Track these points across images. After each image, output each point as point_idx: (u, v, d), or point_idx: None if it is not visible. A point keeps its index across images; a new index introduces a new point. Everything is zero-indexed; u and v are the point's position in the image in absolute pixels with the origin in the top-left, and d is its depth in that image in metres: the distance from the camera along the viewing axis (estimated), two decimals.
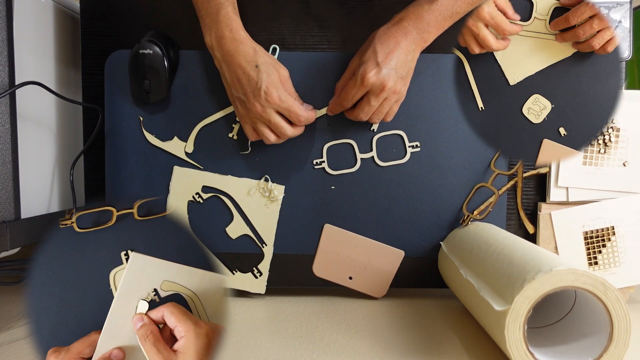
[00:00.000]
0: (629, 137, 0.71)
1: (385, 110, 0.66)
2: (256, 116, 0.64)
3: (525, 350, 0.48)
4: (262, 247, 0.74)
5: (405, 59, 0.63)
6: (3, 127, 0.60)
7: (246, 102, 0.63)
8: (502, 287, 0.51)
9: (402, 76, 0.63)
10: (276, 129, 0.65)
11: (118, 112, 0.73)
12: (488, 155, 0.72)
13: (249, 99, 0.62)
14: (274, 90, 0.62)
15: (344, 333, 0.63)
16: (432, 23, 0.63)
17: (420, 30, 0.63)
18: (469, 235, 0.67)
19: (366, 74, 0.61)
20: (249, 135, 0.67)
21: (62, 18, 0.76)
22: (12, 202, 0.61)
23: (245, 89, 0.62)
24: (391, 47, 0.62)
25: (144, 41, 0.69)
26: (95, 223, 0.55)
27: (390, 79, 0.62)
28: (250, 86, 0.62)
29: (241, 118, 0.67)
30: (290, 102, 0.63)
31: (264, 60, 0.62)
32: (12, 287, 0.75)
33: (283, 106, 0.63)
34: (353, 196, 0.73)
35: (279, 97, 0.62)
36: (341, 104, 0.67)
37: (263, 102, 0.62)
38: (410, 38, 0.63)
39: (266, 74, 0.62)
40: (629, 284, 0.72)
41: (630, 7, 0.70)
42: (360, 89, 0.63)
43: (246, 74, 0.62)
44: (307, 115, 0.65)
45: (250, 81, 0.62)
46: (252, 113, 0.63)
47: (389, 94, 0.63)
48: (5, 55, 0.60)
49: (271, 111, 0.63)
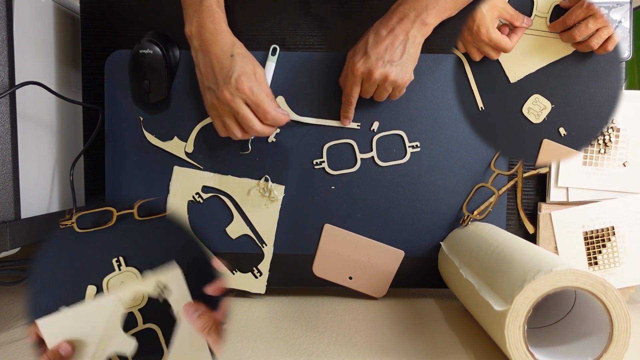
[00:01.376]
0: (629, 137, 0.71)
1: (383, 95, 0.66)
2: (225, 105, 0.61)
3: (525, 351, 0.48)
4: (262, 247, 0.74)
5: (401, 45, 0.62)
6: (3, 127, 0.60)
7: (216, 90, 0.61)
8: (502, 287, 0.51)
9: (398, 63, 0.63)
10: (243, 121, 0.62)
11: (118, 112, 0.73)
12: (488, 155, 0.72)
13: (219, 86, 0.61)
14: (246, 80, 0.60)
15: (344, 333, 0.63)
16: (431, 6, 0.62)
17: (418, 12, 0.62)
18: (469, 235, 0.67)
19: (355, 64, 0.62)
20: (218, 129, 0.65)
21: (62, 18, 0.76)
22: (12, 202, 0.61)
23: (217, 77, 0.61)
24: (382, 34, 0.62)
25: (144, 41, 0.69)
26: (96, 223, 0.55)
27: (377, 66, 0.62)
28: (222, 74, 0.60)
29: (210, 110, 0.65)
30: (261, 97, 0.61)
31: (240, 52, 0.62)
32: (12, 287, 0.75)
33: (252, 98, 0.61)
34: (353, 196, 0.73)
35: (250, 88, 0.60)
36: (348, 102, 0.68)
37: (233, 90, 0.60)
38: (407, 22, 0.62)
39: (241, 63, 0.61)
40: (629, 284, 0.72)
41: (630, 7, 0.70)
42: (353, 80, 0.64)
43: (220, 62, 0.61)
44: (275, 114, 0.62)
45: (223, 69, 0.61)
46: (221, 102, 0.61)
47: (380, 81, 0.63)
48: (5, 55, 0.60)
49: (240, 101, 0.61)
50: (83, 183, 0.75)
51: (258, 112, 0.62)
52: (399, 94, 0.67)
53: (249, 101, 0.61)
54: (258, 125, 0.62)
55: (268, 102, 0.62)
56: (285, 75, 0.72)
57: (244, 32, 0.72)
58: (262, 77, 0.63)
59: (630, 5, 0.70)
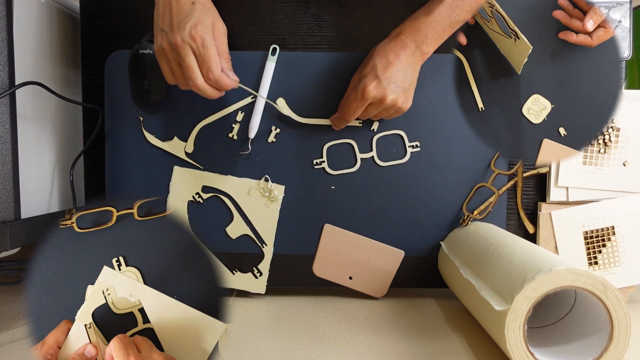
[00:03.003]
0: (629, 137, 0.71)
1: (381, 116, 0.67)
2: (174, 50, 0.58)
3: (525, 350, 0.48)
4: (262, 247, 0.74)
5: (405, 72, 0.63)
6: (3, 127, 0.60)
7: (168, 34, 0.58)
8: (502, 287, 0.51)
9: (404, 89, 0.63)
10: (186, 71, 0.58)
11: (118, 112, 0.73)
12: (488, 155, 0.72)
13: (173, 30, 0.57)
14: (202, 30, 0.57)
15: (344, 333, 0.63)
16: (430, 35, 0.63)
17: (419, 43, 0.63)
18: (469, 235, 0.67)
19: (366, 87, 0.61)
20: (166, 75, 0.62)
21: (62, 18, 0.76)
22: (12, 202, 0.61)
23: (172, 21, 0.57)
24: (390, 60, 0.62)
25: (144, 41, 0.69)
26: (96, 223, 0.55)
27: (390, 91, 0.62)
28: (179, 18, 0.57)
29: (159, 54, 0.61)
30: (210, 53, 0.57)
31: (203, 2, 0.58)
32: (12, 287, 0.75)
33: (201, 51, 0.57)
34: (353, 196, 0.73)
35: (203, 39, 0.57)
36: (344, 118, 0.67)
37: (185, 36, 0.56)
38: (409, 51, 0.63)
39: (201, 12, 0.57)
40: (629, 283, 0.72)
41: (630, 7, 0.70)
42: (362, 103, 0.63)
43: (180, 6, 0.57)
44: (219, 75, 0.59)
45: (180, 13, 0.57)
46: (171, 46, 0.58)
47: (389, 106, 0.64)
48: (5, 55, 0.60)
49: (188, 49, 0.57)
50: (83, 183, 0.75)
51: (202, 67, 0.58)
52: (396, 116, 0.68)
53: (197, 53, 0.57)
54: (200, 81, 0.59)
55: (216, 60, 0.58)
56: (285, 75, 0.72)
57: (244, 32, 0.72)
58: (221, 33, 0.60)
59: (630, 5, 0.70)
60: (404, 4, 0.71)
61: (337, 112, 0.70)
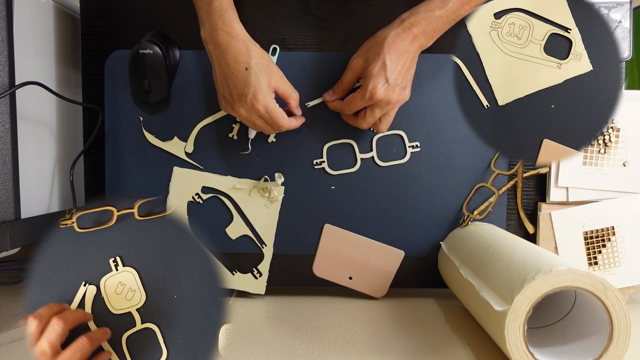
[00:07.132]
0: (629, 137, 0.71)
1: (387, 120, 0.66)
2: (240, 118, 0.64)
3: (525, 350, 0.48)
4: (262, 248, 0.74)
5: (410, 70, 0.63)
6: (3, 127, 0.60)
7: (232, 104, 0.62)
8: (502, 287, 0.51)
9: (405, 86, 0.64)
10: (259, 129, 0.66)
11: (118, 112, 0.73)
12: (488, 155, 0.72)
13: (235, 101, 0.62)
14: (262, 97, 0.60)
15: (344, 333, 0.63)
16: (439, 29, 0.63)
17: (428, 37, 0.63)
18: (469, 235, 0.67)
19: (376, 90, 0.61)
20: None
21: (62, 18, 0.76)
22: (12, 202, 0.61)
23: (231, 91, 0.61)
24: (402, 61, 0.61)
25: (144, 41, 0.69)
26: (96, 223, 0.55)
27: (395, 92, 0.62)
28: (237, 90, 0.61)
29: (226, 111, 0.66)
30: (276, 114, 0.62)
31: (255, 63, 0.61)
32: (12, 287, 0.75)
33: (267, 116, 0.62)
34: (353, 196, 0.73)
35: (265, 106, 0.61)
36: (342, 110, 0.67)
37: (248, 108, 0.61)
38: (417, 45, 0.63)
39: (255, 78, 0.60)
40: (629, 284, 0.72)
41: (630, 7, 0.70)
42: (367, 103, 0.63)
43: (234, 75, 0.60)
44: (289, 125, 0.65)
45: (238, 84, 0.60)
46: (237, 114, 0.63)
47: (394, 106, 0.64)
48: (5, 55, 0.60)
49: (255, 117, 0.63)
50: (83, 183, 0.75)
51: (272, 125, 0.64)
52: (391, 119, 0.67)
53: (264, 117, 0.63)
54: (275, 131, 0.66)
55: (282, 116, 0.63)
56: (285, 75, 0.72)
57: None
58: (279, 81, 0.63)
59: (630, 5, 0.70)
60: (404, 4, 0.71)
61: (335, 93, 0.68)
